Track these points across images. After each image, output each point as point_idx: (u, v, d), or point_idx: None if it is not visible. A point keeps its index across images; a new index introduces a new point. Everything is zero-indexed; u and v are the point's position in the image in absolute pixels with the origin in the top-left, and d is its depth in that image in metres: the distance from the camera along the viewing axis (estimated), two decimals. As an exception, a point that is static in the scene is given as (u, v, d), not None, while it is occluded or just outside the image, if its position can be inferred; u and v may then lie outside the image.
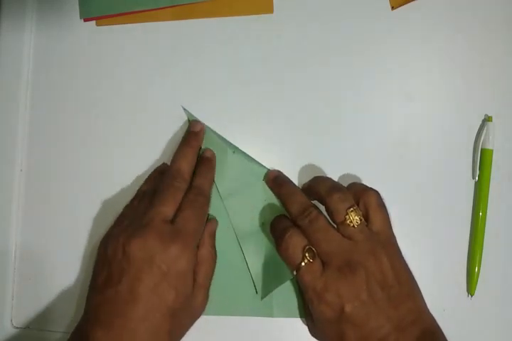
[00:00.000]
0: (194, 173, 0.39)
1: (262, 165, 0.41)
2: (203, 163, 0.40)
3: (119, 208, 0.40)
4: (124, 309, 0.34)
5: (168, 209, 0.36)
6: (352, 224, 0.34)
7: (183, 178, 0.38)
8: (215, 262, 0.39)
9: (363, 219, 0.35)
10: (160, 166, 0.42)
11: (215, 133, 0.41)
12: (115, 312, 0.34)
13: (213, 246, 0.39)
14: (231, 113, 0.42)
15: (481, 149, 0.40)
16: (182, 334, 0.37)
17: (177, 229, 0.35)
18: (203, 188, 0.39)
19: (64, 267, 0.42)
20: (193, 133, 0.41)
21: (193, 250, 0.36)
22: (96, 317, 0.35)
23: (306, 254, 0.35)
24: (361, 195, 0.36)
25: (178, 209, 0.37)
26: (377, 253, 0.34)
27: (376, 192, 0.36)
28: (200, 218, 0.38)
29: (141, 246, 0.34)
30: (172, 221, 0.36)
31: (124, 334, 0.34)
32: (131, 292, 0.34)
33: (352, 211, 0.35)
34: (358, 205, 0.35)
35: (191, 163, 0.39)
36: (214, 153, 0.41)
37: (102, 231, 0.39)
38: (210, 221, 0.40)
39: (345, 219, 0.35)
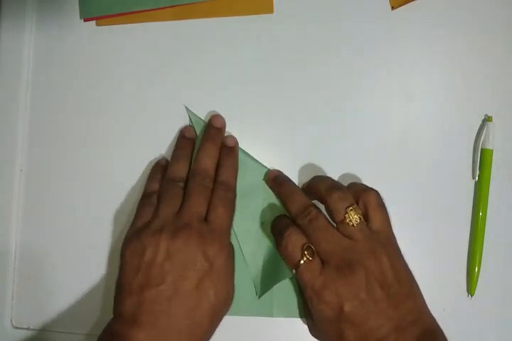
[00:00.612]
0: (219, 163, 0.40)
1: (262, 165, 0.41)
2: (227, 154, 0.40)
3: (119, 208, 0.40)
4: (168, 308, 0.34)
5: (201, 209, 0.37)
6: (351, 223, 0.34)
7: (210, 178, 0.39)
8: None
9: (362, 218, 0.35)
10: (160, 161, 0.42)
11: None
12: (157, 312, 0.34)
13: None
14: (231, 113, 0.41)
15: (481, 149, 0.40)
16: (214, 332, 0.37)
17: (213, 228, 0.37)
18: (230, 183, 0.39)
19: (64, 267, 0.42)
20: (215, 128, 0.41)
21: (229, 246, 0.37)
22: (134, 318, 0.34)
23: (305, 252, 0.35)
24: (361, 195, 0.36)
25: (210, 207, 0.38)
26: (377, 253, 0.34)
27: (376, 191, 0.36)
28: (231, 214, 0.39)
29: (184, 247, 0.35)
30: (205, 219, 0.37)
31: (166, 334, 0.34)
32: (176, 290, 0.34)
33: (351, 210, 0.35)
34: (357, 204, 0.35)
35: (215, 159, 0.40)
36: (236, 140, 0.41)
37: (102, 231, 0.39)
38: None
39: (345, 218, 0.35)
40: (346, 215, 0.35)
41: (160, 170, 0.41)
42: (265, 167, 0.41)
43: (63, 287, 0.42)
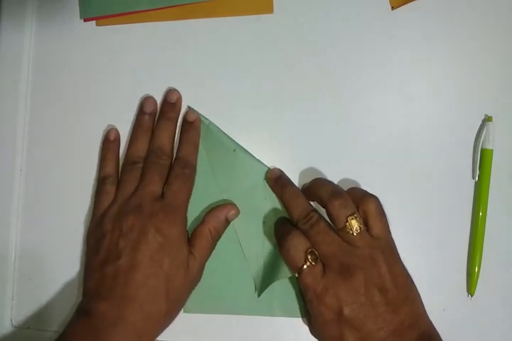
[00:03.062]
0: (179, 139, 0.41)
1: (263, 164, 0.41)
2: (186, 130, 0.41)
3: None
4: (125, 279, 0.36)
5: (156, 188, 0.39)
6: (351, 232, 0.35)
7: (166, 155, 0.40)
8: (213, 240, 0.39)
9: (362, 227, 0.35)
10: (107, 136, 0.42)
11: (217, 130, 0.41)
12: (116, 284, 0.36)
13: (216, 228, 0.39)
14: (231, 113, 0.42)
15: (481, 149, 0.40)
16: (178, 304, 0.38)
17: (167, 203, 0.38)
18: (188, 159, 0.40)
19: (64, 267, 0.42)
20: (169, 104, 0.41)
21: (183, 220, 0.39)
22: (97, 293, 0.37)
23: (309, 257, 0.35)
24: (360, 202, 0.36)
25: (166, 183, 0.39)
26: (376, 258, 0.35)
27: (375, 198, 0.36)
28: (188, 189, 0.40)
29: (136, 224, 0.37)
30: (162, 195, 0.39)
31: (125, 302, 0.36)
32: (131, 262, 0.36)
33: (352, 219, 0.35)
34: (357, 210, 0.36)
35: (172, 136, 0.41)
36: (197, 115, 0.41)
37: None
38: (229, 206, 0.40)
39: (345, 227, 0.35)
40: (347, 223, 0.35)
41: (110, 147, 0.41)
42: (266, 166, 0.41)
43: (63, 287, 0.42)
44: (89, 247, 0.39)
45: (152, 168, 0.39)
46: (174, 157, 0.41)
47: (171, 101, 0.41)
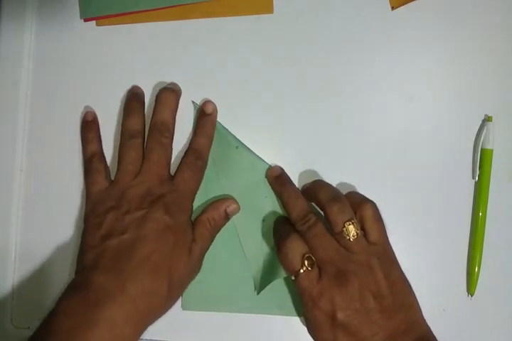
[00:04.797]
0: (194, 132, 0.41)
1: (264, 162, 0.41)
2: (203, 122, 0.41)
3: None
4: (129, 252, 0.35)
5: (164, 171, 0.39)
6: (348, 238, 0.35)
7: (168, 131, 0.40)
8: (212, 230, 0.39)
9: (359, 233, 0.35)
10: (85, 116, 0.42)
11: (220, 126, 0.41)
12: (118, 257, 0.35)
13: (215, 218, 0.39)
14: (231, 112, 0.41)
15: (481, 149, 0.40)
16: (178, 289, 0.37)
17: (177, 190, 0.38)
18: (202, 151, 0.40)
19: (64, 267, 0.42)
20: (172, 83, 0.41)
21: (190, 208, 0.39)
22: (96, 266, 0.35)
23: (306, 262, 0.35)
24: (358, 208, 0.36)
25: (178, 170, 0.39)
26: (372, 264, 0.35)
27: (373, 204, 0.36)
28: (198, 179, 0.40)
29: (143, 204, 0.37)
30: (172, 178, 0.39)
31: (126, 274, 0.35)
32: (137, 238, 0.36)
33: (350, 224, 0.35)
34: (355, 215, 0.36)
35: (174, 111, 0.41)
36: (215, 107, 0.41)
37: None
38: (230, 200, 0.40)
39: (342, 231, 0.35)
40: (344, 229, 0.35)
41: (90, 127, 0.41)
42: (267, 164, 0.41)
43: (63, 287, 0.42)
44: (88, 224, 0.38)
45: (157, 149, 0.39)
46: (188, 147, 0.40)
47: (177, 86, 0.41)
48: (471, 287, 0.39)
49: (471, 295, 0.39)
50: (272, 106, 0.41)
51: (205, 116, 0.41)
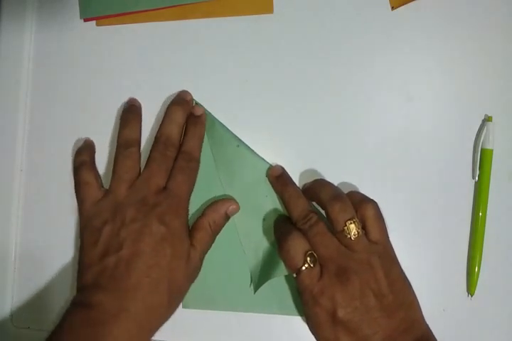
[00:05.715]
0: (184, 134, 0.41)
1: (265, 161, 0.41)
2: (192, 124, 0.41)
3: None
4: (127, 269, 0.35)
5: (159, 180, 0.39)
6: (349, 236, 0.35)
7: (174, 146, 0.40)
8: (213, 233, 0.39)
9: (360, 232, 0.35)
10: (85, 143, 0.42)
11: (221, 125, 0.41)
12: (117, 275, 0.35)
13: (216, 221, 0.39)
14: (231, 112, 0.42)
15: (481, 149, 0.40)
16: (179, 296, 0.38)
17: (171, 195, 0.38)
18: (193, 153, 0.40)
19: (64, 267, 0.42)
20: (182, 94, 0.41)
21: (185, 212, 0.39)
22: (96, 285, 0.36)
23: (308, 259, 0.35)
24: (359, 207, 0.36)
25: (170, 175, 0.39)
26: (373, 263, 0.35)
27: (374, 203, 0.37)
28: (191, 182, 0.40)
29: (138, 216, 0.37)
30: (165, 186, 0.39)
31: (126, 292, 0.35)
32: (134, 253, 0.36)
33: (351, 223, 0.35)
34: (356, 214, 0.36)
35: (181, 126, 0.40)
36: (203, 110, 0.41)
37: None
38: (230, 201, 0.40)
39: (344, 230, 0.35)
40: (345, 227, 0.35)
41: (85, 148, 0.42)
42: (268, 163, 0.41)
43: (63, 287, 0.42)
44: (84, 240, 0.38)
45: (159, 160, 0.39)
46: (178, 150, 0.40)
47: (184, 98, 0.41)
48: (471, 287, 0.39)
49: (471, 295, 0.39)
50: (272, 106, 0.41)
51: (194, 118, 0.41)
